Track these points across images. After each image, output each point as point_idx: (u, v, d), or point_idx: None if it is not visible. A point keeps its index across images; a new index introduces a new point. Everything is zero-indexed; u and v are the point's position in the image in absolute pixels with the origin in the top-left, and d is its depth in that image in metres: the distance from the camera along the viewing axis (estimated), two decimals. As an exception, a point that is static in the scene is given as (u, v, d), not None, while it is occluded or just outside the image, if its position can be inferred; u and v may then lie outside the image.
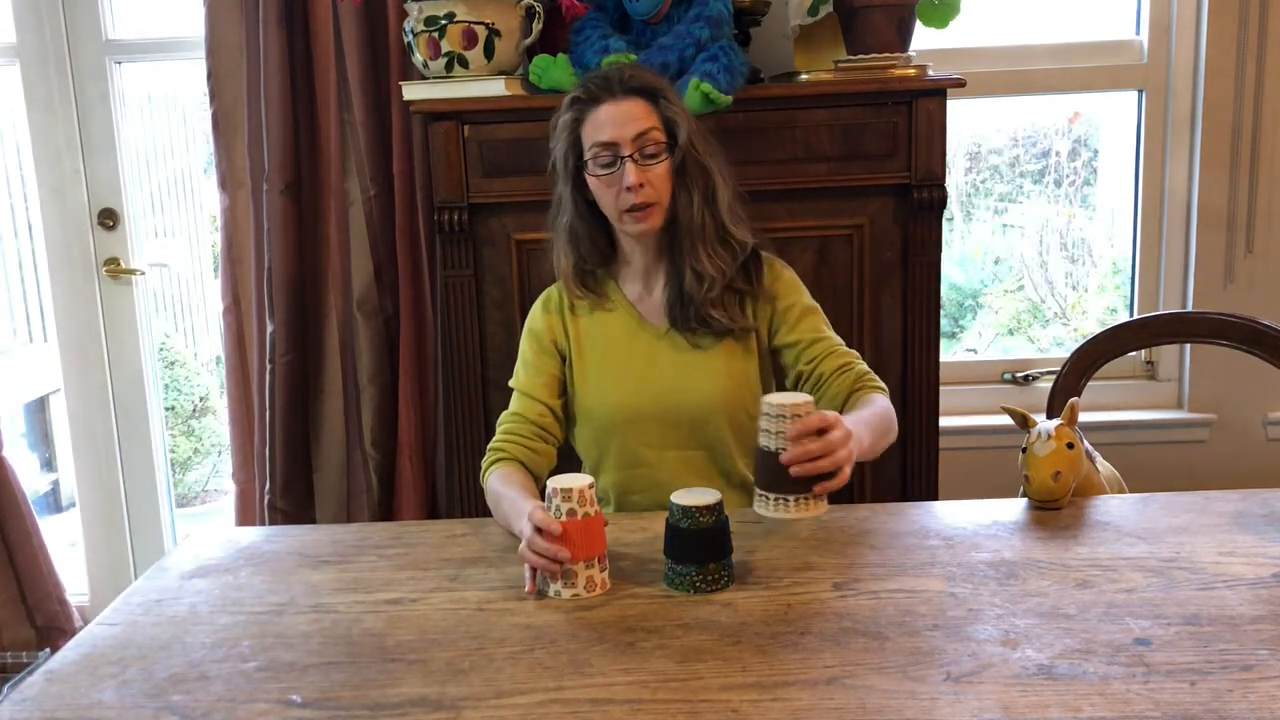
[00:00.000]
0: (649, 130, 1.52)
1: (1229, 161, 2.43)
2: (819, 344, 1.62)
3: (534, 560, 1.28)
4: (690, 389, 1.60)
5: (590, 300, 1.65)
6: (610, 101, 1.52)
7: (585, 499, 1.27)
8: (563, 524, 1.26)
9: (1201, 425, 2.54)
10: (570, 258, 1.63)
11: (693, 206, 1.55)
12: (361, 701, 1.06)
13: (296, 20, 2.25)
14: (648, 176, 1.52)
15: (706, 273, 1.55)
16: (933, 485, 2.01)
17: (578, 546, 1.26)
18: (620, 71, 1.56)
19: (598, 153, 1.52)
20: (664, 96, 1.54)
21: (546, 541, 1.26)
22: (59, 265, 2.59)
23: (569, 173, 1.58)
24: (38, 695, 1.11)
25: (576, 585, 1.28)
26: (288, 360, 2.34)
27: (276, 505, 2.38)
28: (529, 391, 1.64)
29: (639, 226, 1.55)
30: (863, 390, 1.58)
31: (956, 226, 3.01)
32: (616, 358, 1.63)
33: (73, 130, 2.52)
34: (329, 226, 2.34)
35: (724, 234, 1.57)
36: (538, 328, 1.67)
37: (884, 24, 1.92)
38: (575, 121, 1.55)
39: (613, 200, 1.54)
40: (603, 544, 1.30)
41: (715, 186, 1.56)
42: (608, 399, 1.62)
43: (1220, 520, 1.44)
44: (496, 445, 1.61)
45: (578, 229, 1.61)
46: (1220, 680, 1.04)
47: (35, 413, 3.90)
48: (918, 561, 1.34)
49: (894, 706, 1.01)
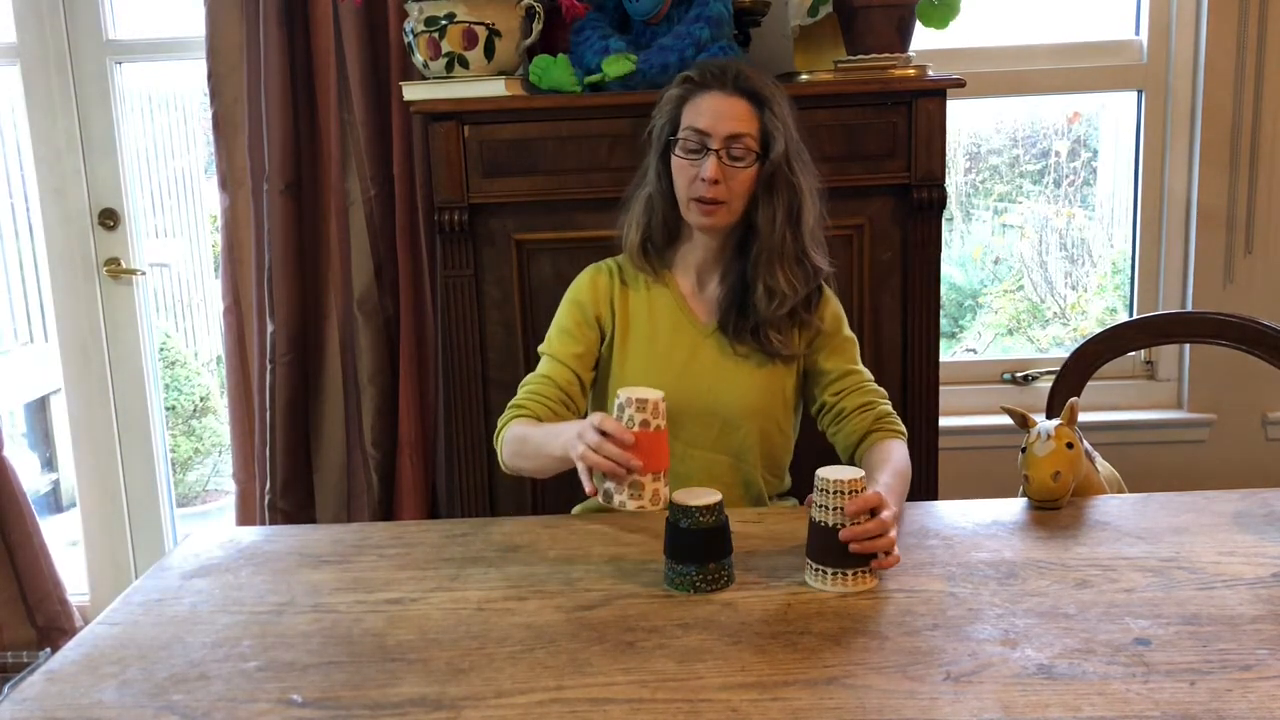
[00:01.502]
0: (744, 134, 1.52)
1: (1228, 161, 2.43)
2: (848, 378, 1.63)
3: (602, 464, 1.27)
4: (726, 393, 1.60)
5: (647, 276, 1.65)
6: (718, 92, 1.53)
7: (659, 411, 1.27)
8: (636, 434, 1.25)
9: (1201, 425, 2.54)
10: (640, 229, 1.63)
11: (775, 222, 1.55)
12: (361, 701, 1.06)
13: (296, 20, 2.25)
14: (727, 177, 1.52)
15: (779, 290, 1.55)
16: (933, 485, 2.01)
17: (649, 457, 1.26)
18: (739, 68, 1.56)
19: (689, 136, 1.53)
20: (771, 107, 1.54)
21: (618, 449, 1.25)
22: (59, 265, 2.59)
23: (659, 146, 1.59)
24: (38, 695, 1.11)
25: (642, 497, 1.27)
26: (288, 360, 2.34)
27: (277, 505, 2.39)
28: (562, 358, 1.62)
29: (702, 220, 1.55)
30: (880, 433, 1.58)
31: (956, 226, 3.01)
32: (660, 346, 1.63)
33: (73, 130, 2.52)
34: (329, 226, 2.34)
35: (803, 255, 1.57)
36: (584, 298, 1.65)
37: (884, 24, 1.92)
38: (680, 99, 1.56)
39: (686, 185, 1.54)
40: (668, 458, 1.30)
41: (802, 207, 1.56)
42: (644, 385, 1.60)
43: (1220, 520, 1.44)
44: (519, 402, 1.59)
45: (655, 202, 1.61)
46: (1220, 680, 1.04)
47: (36, 412, 3.90)
48: (918, 561, 1.34)
49: (894, 706, 1.01)
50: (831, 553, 1.26)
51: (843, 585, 1.26)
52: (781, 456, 1.70)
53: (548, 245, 1.96)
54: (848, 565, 1.26)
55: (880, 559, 1.27)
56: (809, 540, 1.29)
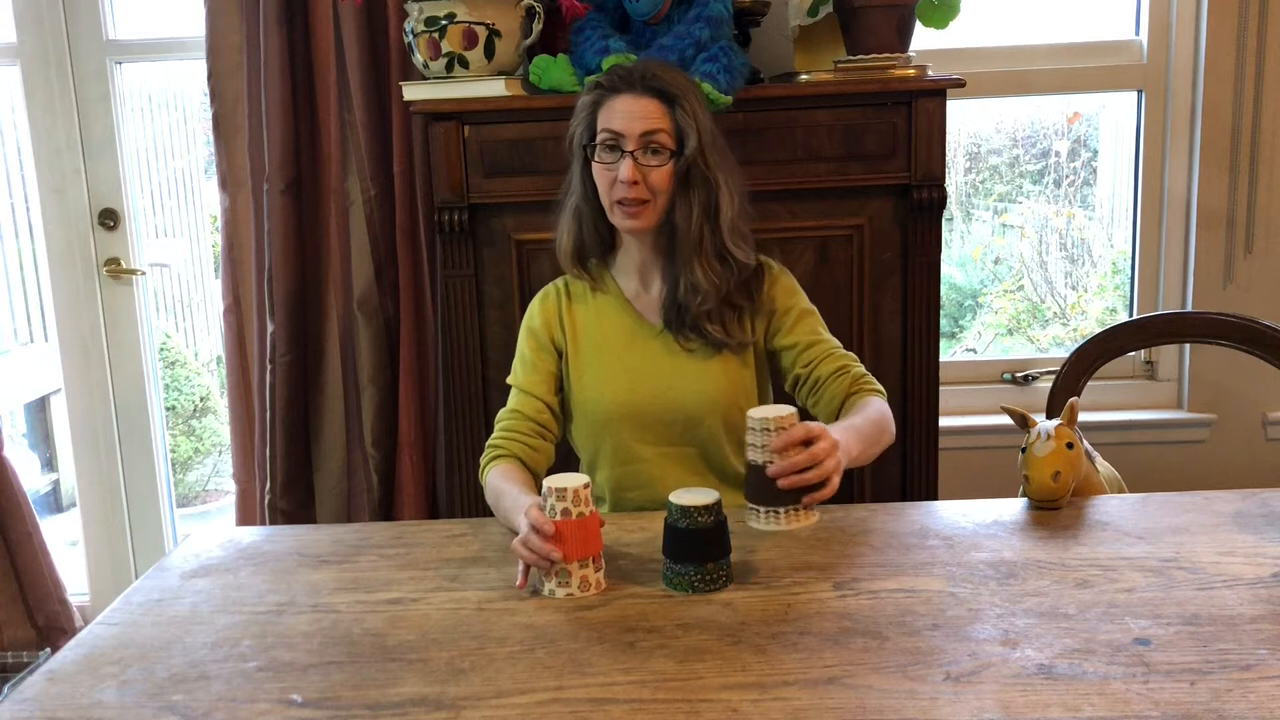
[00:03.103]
0: (656, 131, 1.52)
1: (1228, 162, 2.43)
2: (816, 347, 1.62)
3: (527, 557, 1.28)
4: (684, 388, 1.61)
5: (587, 282, 1.65)
6: (628, 94, 1.53)
7: (580, 499, 1.27)
8: (557, 523, 1.26)
9: (1201, 425, 2.54)
10: (571, 238, 1.64)
11: (691, 217, 1.55)
12: (361, 701, 1.06)
13: (296, 20, 2.25)
14: (645, 175, 1.52)
15: (700, 285, 1.56)
16: (933, 485, 2.01)
17: (572, 546, 1.26)
18: (645, 68, 1.56)
19: (604, 139, 1.54)
20: (682, 104, 1.54)
21: (540, 540, 1.26)
22: (59, 265, 2.59)
23: (580, 154, 1.59)
24: (38, 695, 1.11)
25: (570, 585, 1.28)
26: (288, 360, 2.34)
27: (277, 505, 2.39)
28: (527, 389, 1.64)
29: (627, 222, 1.55)
30: (859, 393, 1.58)
31: (956, 226, 3.01)
32: (612, 353, 1.64)
33: (73, 130, 2.52)
34: (329, 226, 2.34)
35: (722, 251, 1.57)
36: (535, 325, 1.67)
37: (884, 24, 1.93)
38: (594, 105, 1.57)
39: (607, 188, 1.55)
40: (598, 544, 1.30)
41: (719, 202, 1.56)
42: (603, 394, 1.62)
43: (1220, 520, 1.44)
44: (495, 442, 1.61)
45: (583, 211, 1.62)
46: (1220, 680, 1.04)
47: (36, 413, 3.90)
48: (917, 561, 1.34)
49: (893, 706, 1.01)
50: (764, 491, 1.27)
51: (776, 524, 1.27)
52: None
53: (548, 245, 1.95)
54: (781, 503, 1.27)
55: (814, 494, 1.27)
56: (745, 481, 1.31)
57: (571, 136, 1.61)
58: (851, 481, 2.01)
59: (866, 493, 2.03)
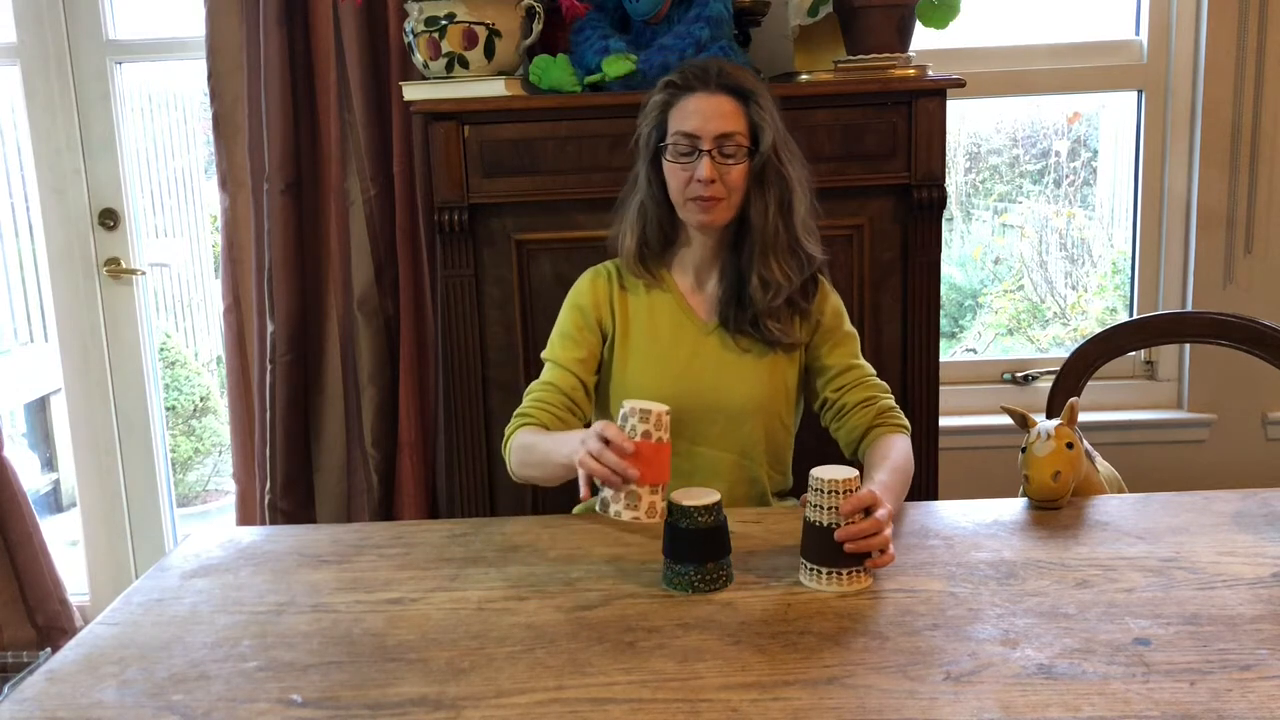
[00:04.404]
0: (733, 132, 1.52)
1: (1228, 161, 2.43)
2: (849, 373, 1.63)
3: (597, 470, 1.26)
4: (730, 389, 1.60)
5: (645, 281, 1.65)
6: (703, 93, 1.53)
7: (662, 423, 1.26)
8: (637, 444, 1.25)
9: (1201, 425, 2.54)
10: (635, 236, 1.63)
11: (767, 214, 1.55)
12: (361, 701, 1.06)
13: (296, 20, 2.25)
14: (722, 174, 1.52)
15: (774, 280, 1.56)
16: (933, 485, 2.01)
17: (648, 468, 1.25)
18: (719, 65, 1.56)
19: (678, 140, 1.53)
20: (756, 100, 1.54)
21: (617, 457, 1.25)
22: (59, 265, 2.59)
23: (649, 153, 1.59)
24: (38, 695, 1.11)
25: (638, 508, 1.26)
26: (288, 360, 2.34)
27: (277, 505, 2.39)
28: (565, 364, 1.62)
29: (701, 217, 1.55)
30: (882, 428, 1.58)
31: (956, 226, 3.01)
32: (661, 346, 1.63)
33: (73, 130, 2.52)
34: (329, 226, 2.34)
35: (795, 245, 1.57)
36: (584, 302, 1.66)
37: (884, 24, 1.93)
38: (665, 104, 1.56)
39: (681, 186, 1.54)
40: (668, 473, 1.29)
41: (792, 197, 1.56)
42: (648, 385, 1.61)
43: (1220, 520, 1.44)
44: (525, 411, 1.59)
45: (648, 208, 1.61)
46: (1220, 680, 1.04)
47: (36, 412, 3.90)
48: (918, 561, 1.34)
49: (894, 706, 1.01)
50: (826, 552, 1.26)
51: (838, 585, 1.26)
52: (784, 452, 1.70)
53: (548, 245, 1.96)
54: (842, 565, 1.26)
55: (875, 558, 1.27)
56: (803, 540, 1.29)
57: (639, 135, 1.60)
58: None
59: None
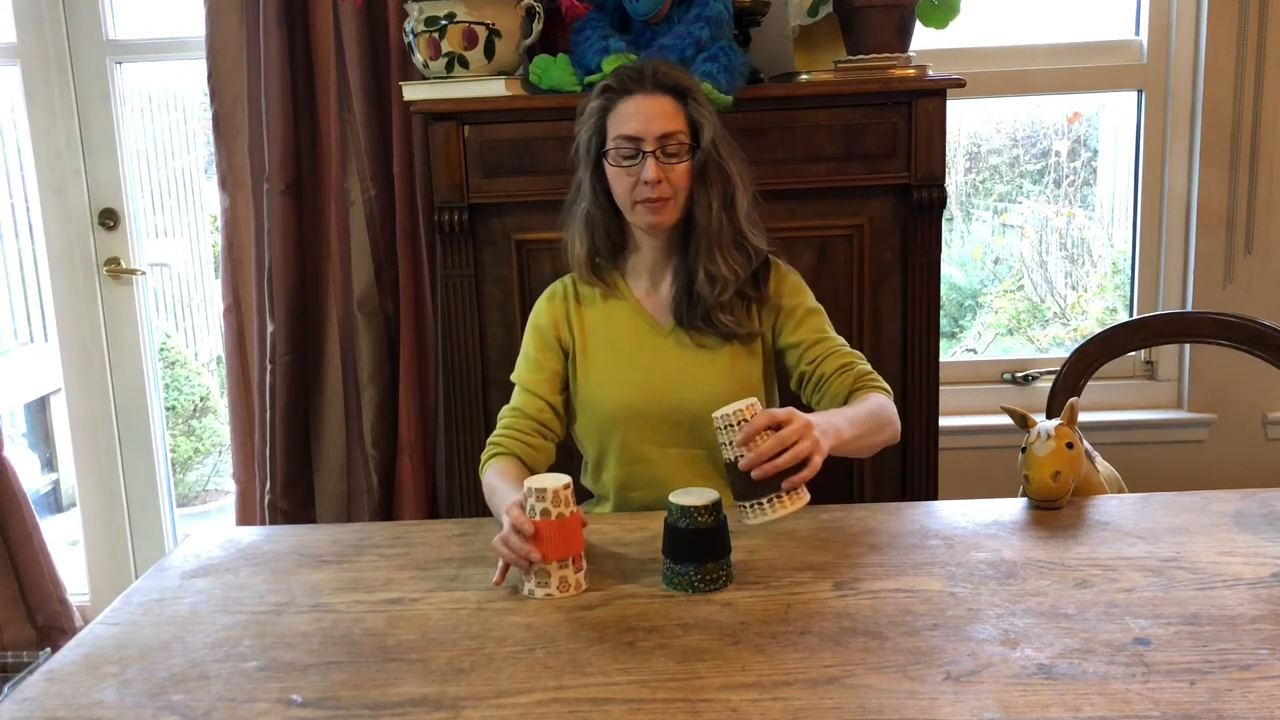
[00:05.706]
0: (675, 131, 1.52)
1: (1228, 161, 2.43)
2: (821, 344, 1.63)
3: (506, 555, 1.29)
4: (693, 387, 1.60)
5: (599, 289, 1.65)
6: (640, 95, 1.53)
7: (560, 499, 1.27)
8: (536, 523, 1.26)
9: (1201, 425, 2.54)
10: (584, 244, 1.63)
11: (710, 209, 1.55)
12: (361, 701, 1.06)
13: (296, 20, 2.25)
14: (667, 174, 1.52)
15: (720, 275, 1.56)
16: (933, 485, 2.01)
17: (550, 546, 1.26)
18: (654, 66, 1.56)
19: (620, 144, 1.53)
20: (693, 97, 1.55)
21: (520, 540, 1.26)
22: (59, 265, 2.59)
23: (590, 160, 1.58)
24: (38, 695, 1.11)
25: (549, 585, 1.28)
26: (288, 360, 2.34)
27: (277, 505, 2.39)
28: (530, 387, 1.64)
29: (651, 218, 1.55)
30: (863, 389, 1.58)
31: (956, 226, 3.01)
32: (621, 353, 1.63)
33: (73, 130, 2.52)
34: (329, 226, 2.34)
35: (740, 239, 1.58)
36: (542, 323, 1.67)
37: (884, 24, 1.93)
38: (603, 110, 1.56)
39: (627, 190, 1.54)
40: (578, 545, 1.29)
41: (734, 191, 1.57)
42: (611, 395, 1.62)
43: (1220, 520, 1.44)
44: (495, 440, 1.61)
45: (594, 216, 1.61)
46: (1220, 680, 1.04)
47: (36, 413, 3.90)
48: (918, 561, 1.34)
49: (894, 706, 1.01)
50: (745, 486, 1.27)
51: (763, 514, 1.27)
52: None
53: (548, 245, 1.96)
54: (763, 493, 1.27)
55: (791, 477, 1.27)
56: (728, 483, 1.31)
57: (578, 143, 1.60)
58: (851, 481, 2.01)
59: (866, 492, 2.03)
